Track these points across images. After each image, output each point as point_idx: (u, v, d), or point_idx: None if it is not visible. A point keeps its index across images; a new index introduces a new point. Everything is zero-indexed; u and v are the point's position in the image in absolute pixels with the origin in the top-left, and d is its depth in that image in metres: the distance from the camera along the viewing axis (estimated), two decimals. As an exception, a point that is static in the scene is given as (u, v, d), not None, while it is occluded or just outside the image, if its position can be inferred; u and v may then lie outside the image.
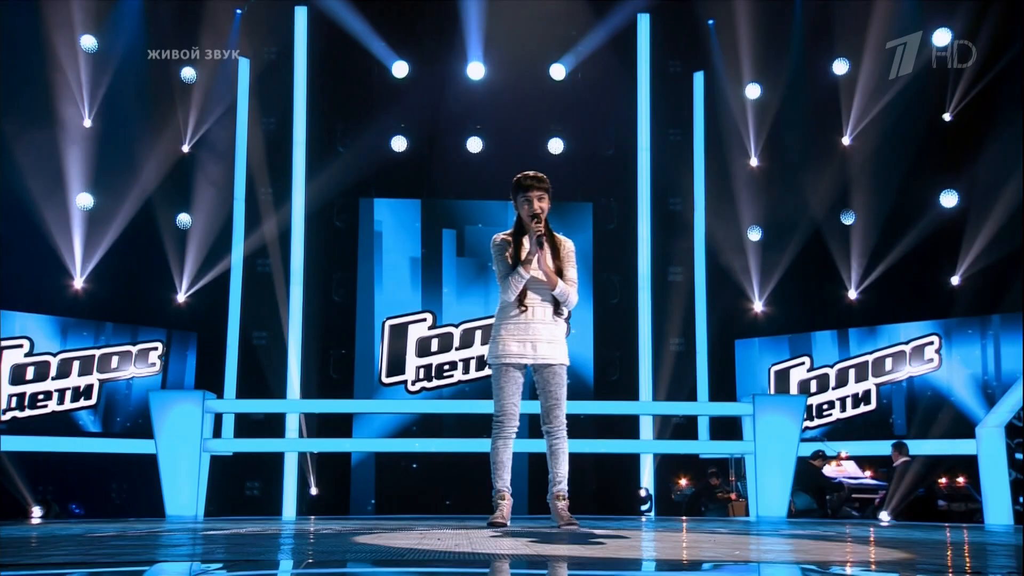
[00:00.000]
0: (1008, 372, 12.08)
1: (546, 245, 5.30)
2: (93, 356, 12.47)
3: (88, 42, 12.53)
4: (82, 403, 12.35)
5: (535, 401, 5.54)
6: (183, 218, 13.17)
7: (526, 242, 5.30)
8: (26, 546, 3.95)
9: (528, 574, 3.04)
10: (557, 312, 5.39)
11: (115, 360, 12.59)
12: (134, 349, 12.67)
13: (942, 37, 12.74)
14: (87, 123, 12.58)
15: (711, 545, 4.05)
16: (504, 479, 5.37)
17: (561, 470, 5.38)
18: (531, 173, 5.36)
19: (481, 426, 10.50)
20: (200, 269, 13.06)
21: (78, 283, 12.51)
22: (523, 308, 5.32)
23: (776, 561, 3.37)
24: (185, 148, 13.16)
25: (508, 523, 5.35)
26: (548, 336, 5.34)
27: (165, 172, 12.97)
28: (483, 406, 10.86)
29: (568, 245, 5.46)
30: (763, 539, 4.64)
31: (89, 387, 12.39)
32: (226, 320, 13.07)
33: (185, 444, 7.71)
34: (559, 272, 5.35)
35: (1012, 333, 12.25)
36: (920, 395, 12.82)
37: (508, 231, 5.46)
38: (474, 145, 13.74)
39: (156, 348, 12.75)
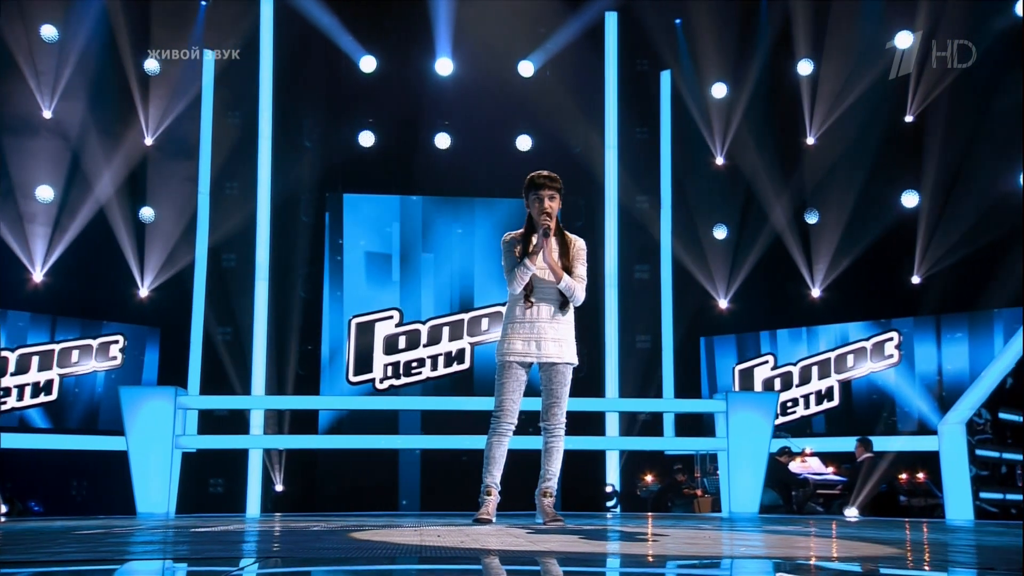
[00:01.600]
0: (967, 370, 12.31)
1: (554, 241, 5.34)
2: (52, 351, 12.27)
3: (48, 32, 12.32)
4: (41, 399, 12.14)
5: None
6: (146, 212, 12.99)
7: (535, 239, 5.34)
8: (26, 543, 3.89)
9: (529, 571, 3.05)
10: (563, 309, 5.40)
11: (75, 355, 12.40)
12: (95, 343, 12.48)
13: (904, 39, 12.95)
14: (47, 114, 12.37)
15: (708, 542, 4.09)
16: (494, 475, 5.40)
17: (553, 468, 5.44)
18: (544, 172, 5.43)
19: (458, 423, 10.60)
20: (164, 264, 12.90)
21: (37, 277, 12.29)
22: (529, 304, 5.33)
23: (779, 558, 3.41)
24: (148, 141, 12.99)
25: (494, 519, 5.36)
26: (554, 334, 5.37)
27: (128, 165, 12.80)
28: (458, 403, 11.01)
29: (579, 244, 5.50)
30: (751, 535, 4.69)
31: (49, 383, 12.19)
32: (190, 315, 12.91)
33: (157, 441, 7.63)
34: (567, 270, 5.38)
35: (973, 331, 12.48)
36: (880, 391, 13.02)
37: (519, 231, 5.50)
38: (442, 141, 13.70)
39: (117, 342, 12.57)
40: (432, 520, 5.89)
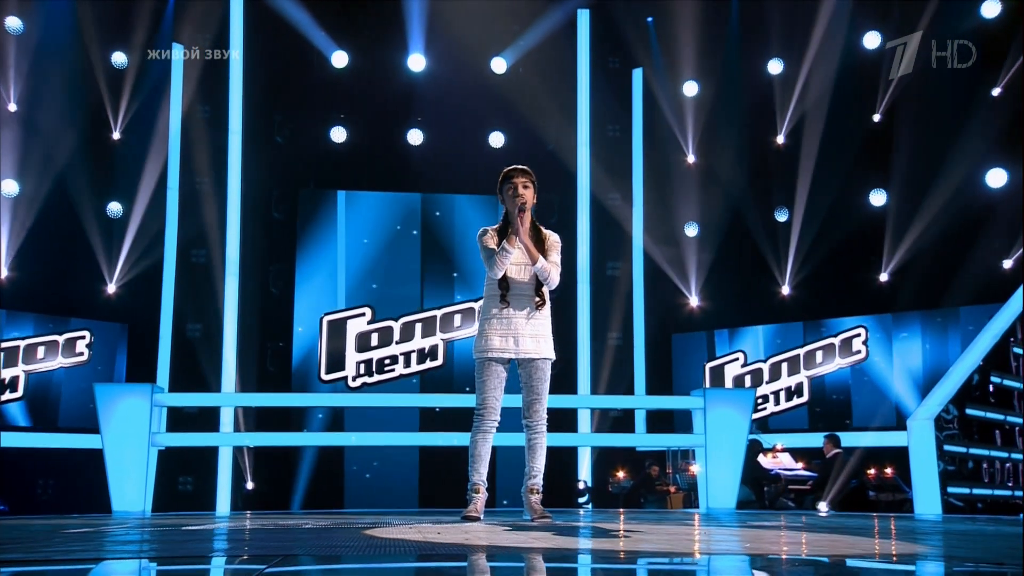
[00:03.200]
0: (934, 366, 12.48)
1: (528, 233, 5.35)
2: (18, 348, 12.07)
3: (13, 23, 12.12)
4: (7, 396, 11.95)
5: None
6: (114, 207, 12.82)
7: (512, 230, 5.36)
8: (24, 541, 3.83)
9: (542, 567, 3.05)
10: (539, 307, 5.41)
11: (41, 351, 12.21)
12: (60, 339, 12.30)
13: (872, 40, 13.11)
14: (11, 107, 12.16)
15: (699, 538, 4.11)
16: (480, 473, 5.41)
17: (537, 464, 5.45)
18: (517, 166, 5.51)
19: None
20: (132, 259, 12.73)
21: (1, 273, 12.09)
22: (504, 304, 5.34)
23: (769, 555, 3.44)
24: (116, 135, 12.82)
25: (482, 517, 5.37)
26: (531, 331, 5.39)
27: (95, 159, 12.62)
28: (434, 400, 11.02)
29: (553, 237, 5.54)
30: (739, 531, 4.72)
31: (15, 379, 12.00)
32: (159, 311, 12.76)
33: (133, 438, 7.55)
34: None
35: (940, 328, 12.66)
36: (848, 387, 13.17)
37: (494, 226, 5.51)
38: (415, 138, 13.65)
39: (84, 338, 12.40)
40: (420, 517, 5.87)
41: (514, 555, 3.28)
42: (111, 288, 12.72)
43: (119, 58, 12.75)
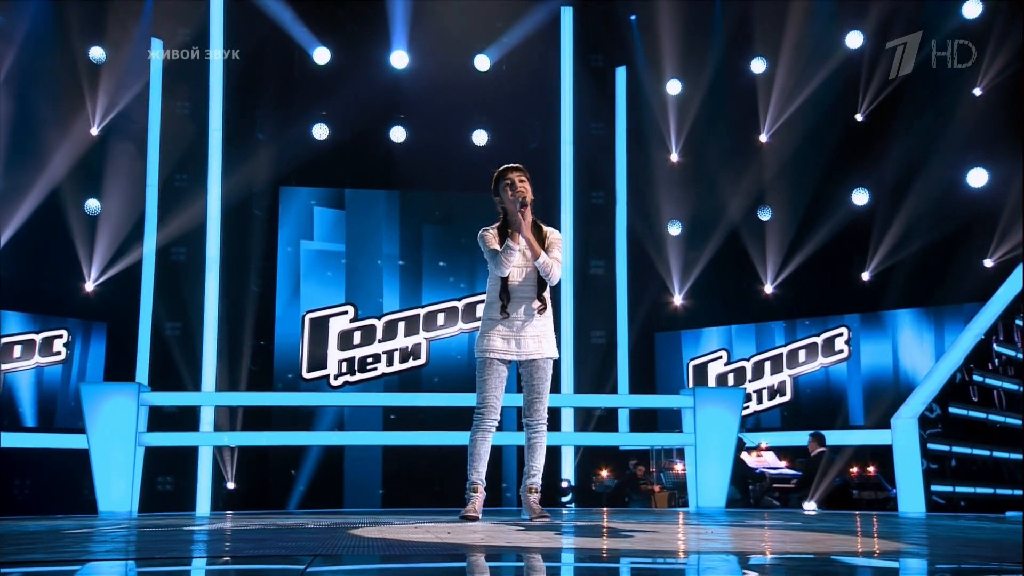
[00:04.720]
0: (915, 365, 12.55)
1: (531, 229, 5.30)
2: (-6, 346, 11.92)
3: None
4: (-16, 395, 11.79)
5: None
6: (92, 204, 12.66)
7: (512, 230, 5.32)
8: (35, 543, 3.77)
9: (554, 567, 3.02)
10: (541, 312, 5.36)
11: (17, 350, 12.04)
12: (37, 338, 12.14)
13: (854, 39, 13.17)
14: (-12, 102, 12.00)
15: (700, 537, 4.09)
16: (480, 472, 5.38)
17: (537, 464, 5.44)
18: (511, 164, 5.46)
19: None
20: (111, 257, 12.58)
21: (-22, 270, 11.92)
22: (505, 315, 5.31)
23: (780, 554, 3.41)
24: (94, 131, 12.65)
25: (480, 516, 5.34)
26: (533, 331, 5.36)
27: (73, 156, 12.45)
28: (420, 399, 10.96)
29: (555, 234, 5.50)
30: (737, 530, 4.70)
31: (-10, 378, 11.84)
32: (138, 309, 12.61)
33: (119, 438, 7.45)
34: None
35: (922, 327, 12.73)
36: (831, 386, 13.23)
37: (494, 225, 5.46)
38: (397, 135, 13.58)
39: (61, 336, 12.24)
40: (415, 517, 5.81)
41: (525, 555, 3.25)
42: (89, 286, 12.57)
43: (97, 53, 12.58)
